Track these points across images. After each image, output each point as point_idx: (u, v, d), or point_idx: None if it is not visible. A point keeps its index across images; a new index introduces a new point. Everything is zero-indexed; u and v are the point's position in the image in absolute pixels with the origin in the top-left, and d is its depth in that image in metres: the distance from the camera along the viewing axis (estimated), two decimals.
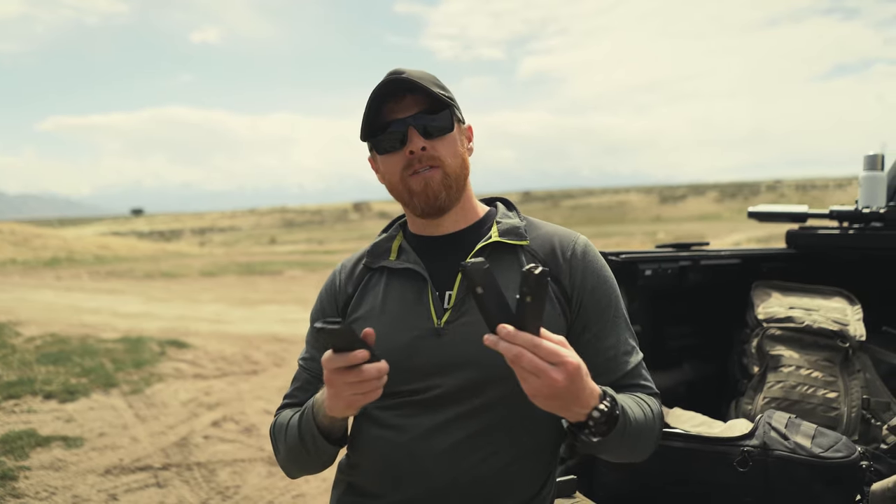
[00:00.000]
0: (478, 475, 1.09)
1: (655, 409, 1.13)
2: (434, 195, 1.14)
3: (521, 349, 0.85)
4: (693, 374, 2.04)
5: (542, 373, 0.86)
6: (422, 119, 1.14)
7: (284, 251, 28.07)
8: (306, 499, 3.26)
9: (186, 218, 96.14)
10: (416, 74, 1.15)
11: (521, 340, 0.85)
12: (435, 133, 1.14)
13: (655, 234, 29.72)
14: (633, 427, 1.03)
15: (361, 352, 0.92)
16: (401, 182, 1.16)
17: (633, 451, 1.08)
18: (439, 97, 1.14)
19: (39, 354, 6.12)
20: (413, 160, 1.13)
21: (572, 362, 0.87)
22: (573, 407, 0.92)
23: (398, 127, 1.14)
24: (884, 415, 1.74)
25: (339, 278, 1.26)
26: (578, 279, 1.16)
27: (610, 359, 1.14)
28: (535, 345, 0.86)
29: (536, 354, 0.85)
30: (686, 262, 1.92)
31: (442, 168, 1.14)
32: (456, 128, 1.18)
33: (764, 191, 77.03)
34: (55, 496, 3.22)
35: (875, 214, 1.98)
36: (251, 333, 7.42)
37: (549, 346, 0.86)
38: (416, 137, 1.13)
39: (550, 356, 0.86)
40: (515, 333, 0.85)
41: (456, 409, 1.10)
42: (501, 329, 0.86)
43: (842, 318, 1.83)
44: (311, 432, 1.10)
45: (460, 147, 1.18)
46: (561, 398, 0.89)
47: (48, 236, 25.19)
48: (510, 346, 0.85)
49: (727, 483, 1.43)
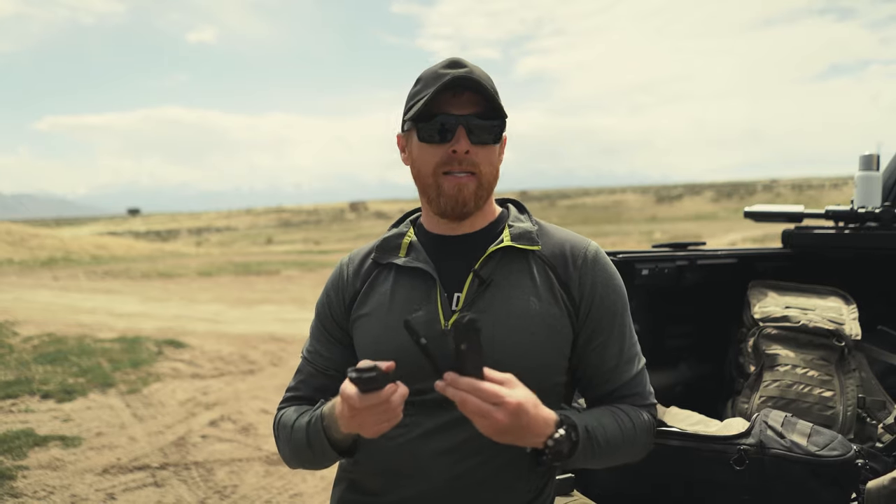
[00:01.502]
0: (479, 476, 1.10)
1: (639, 421, 1.14)
2: (464, 202, 1.13)
3: (464, 394, 0.91)
4: (690, 373, 2.05)
5: (487, 414, 0.92)
6: (475, 122, 1.11)
7: (281, 251, 28.03)
8: (304, 498, 3.26)
9: (183, 218, 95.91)
10: (479, 74, 1.12)
11: (463, 385, 0.91)
12: (482, 140, 1.12)
13: (652, 233, 29.76)
14: (602, 447, 1.07)
15: (390, 387, 0.95)
16: (433, 176, 1.13)
17: (610, 461, 1.12)
18: (497, 107, 1.11)
19: (37, 354, 6.11)
20: (453, 160, 1.11)
21: (511, 402, 0.92)
22: (527, 438, 0.98)
23: (449, 121, 1.10)
24: (879, 413, 1.75)
25: (346, 272, 1.24)
26: (588, 287, 1.15)
27: (612, 368, 1.16)
28: (475, 388, 0.92)
29: (479, 397, 0.91)
30: (683, 261, 1.93)
31: (478, 177, 1.12)
32: (501, 139, 1.17)
33: (760, 191, 77.17)
34: (53, 495, 3.22)
35: (871, 214, 1.99)
36: (248, 333, 7.41)
37: (488, 388, 0.92)
38: (463, 138, 1.10)
39: (491, 398, 0.92)
40: (456, 378, 0.91)
41: (457, 411, 1.11)
42: (447, 376, 0.92)
43: (837, 317, 1.84)
44: (320, 443, 1.10)
45: (498, 158, 1.17)
46: (510, 433, 0.95)
47: (45, 236, 25.10)
48: (455, 392, 0.92)
49: (724, 481, 1.44)
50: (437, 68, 1.13)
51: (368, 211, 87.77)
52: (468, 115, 1.10)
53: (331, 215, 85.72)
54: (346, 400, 0.96)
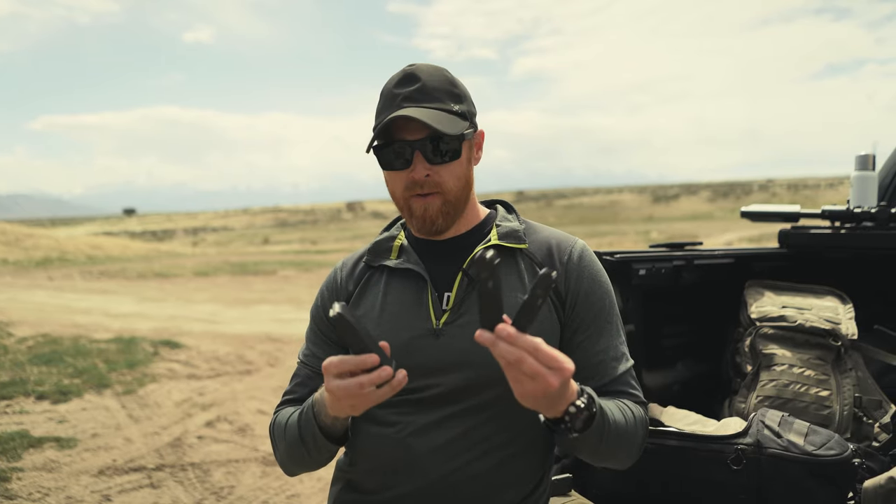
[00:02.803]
0: (473, 472, 1.10)
1: (639, 415, 1.12)
2: (431, 221, 1.13)
3: (522, 353, 0.84)
4: (687, 373, 2.06)
5: (540, 376, 0.85)
6: (429, 145, 1.10)
7: (278, 251, 28.01)
8: (301, 499, 3.25)
9: (179, 218, 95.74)
10: (432, 86, 1.11)
11: (524, 344, 0.84)
12: (441, 160, 1.11)
13: (649, 233, 29.82)
14: (612, 428, 1.03)
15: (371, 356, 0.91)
16: (402, 200, 1.15)
17: (613, 453, 1.08)
18: (449, 133, 1.08)
19: (31, 355, 6.08)
20: (415, 184, 1.11)
21: (569, 368, 0.88)
22: (557, 404, 0.93)
23: (404, 148, 1.11)
24: (875, 413, 1.75)
25: (339, 275, 1.26)
26: (573, 283, 1.16)
27: (598, 363, 1.15)
28: (536, 349, 0.85)
29: (536, 358, 0.85)
30: (680, 261, 1.93)
31: (443, 195, 1.12)
32: (464, 150, 1.14)
33: (756, 190, 77.37)
34: (48, 497, 3.21)
35: (866, 214, 2.00)
36: (245, 333, 7.40)
37: (547, 350, 0.86)
38: (420, 164, 1.10)
39: (550, 361, 0.86)
40: (518, 336, 0.84)
41: (452, 408, 1.11)
42: (502, 330, 0.83)
43: (834, 316, 1.84)
44: (311, 432, 1.10)
45: (466, 168, 1.16)
46: (548, 399, 0.90)
47: (40, 236, 25.03)
48: (511, 349, 0.84)
49: (721, 481, 1.44)
50: (392, 86, 1.12)
51: (365, 211, 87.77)
52: (422, 140, 1.09)
53: (328, 215, 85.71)
54: (324, 368, 0.94)
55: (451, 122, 1.10)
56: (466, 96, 1.17)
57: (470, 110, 1.16)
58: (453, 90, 1.14)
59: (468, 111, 1.16)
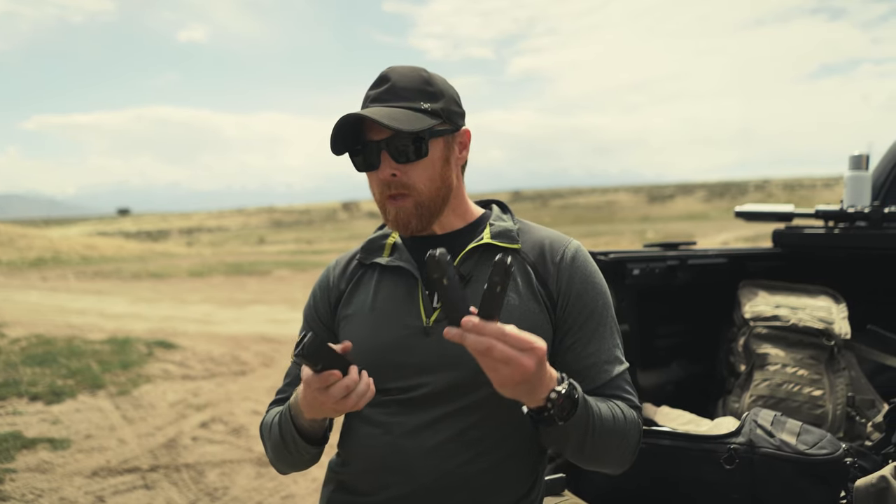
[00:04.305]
0: (465, 474, 1.10)
1: (630, 417, 1.10)
2: (405, 224, 1.13)
3: (491, 340, 0.84)
4: (681, 373, 2.06)
5: (513, 360, 0.85)
6: (394, 143, 1.09)
7: (273, 251, 27.96)
8: (295, 499, 3.25)
9: (174, 218, 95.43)
10: (402, 85, 1.11)
11: (490, 331, 0.84)
12: (406, 159, 1.10)
13: (644, 233, 29.88)
14: (598, 423, 1.01)
15: (335, 373, 0.94)
16: (380, 202, 1.15)
17: (602, 453, 1.06)
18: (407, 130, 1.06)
19: (25, 356, 6.05)
20: (385, 184, 1.11)
21: (541, 346, 0.88)
22: (538, 390, 0.92)
23: (371, 148, 1.11)
24: (868, 412, 1.76)
25: (332, 274, 1.26)
26: (564, 283, 1.15)
27: (590, 366, 1.12)
28: (503, 334, 0.85)
29: (506, 343, 0.85)
30: (674, 261, 1.94)
31: (413, 196, 1.11)
32: (435, 148, 1.12)
33: (752, 190, 77.55)
34: (42, 498, 3.19)
35: (860, 214, 2.00)
36: (239, 334, 7.38)
37: (516, 333, 0.86)
38: (386, 163, 1.10)
39: (519, 343, 0.86)
40: (483, 325, 0.84)
41: (444, 408, 1.10)
42: (467, 322, 0.84)
43: (827, 316, 1.85)
44: (290, 433, 1.10)
45: (440, 168, 1.14)
46: (529, 383, 0.89)
47: (33, 236, 24.92)
48: (479, 339, 0.84)
49: (714, 480, 1.44)
50: (369, 89, 1.13)
51: (361, 211, 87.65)
52: (387, 139, 1.09)
53: (323, 215, 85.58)
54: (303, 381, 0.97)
55: (412, 120, 1.08)
56: (444, 95, 1.14)
57: (448, 108, 1.14)
58: (427, 88, 1.12)
59: (444, 109, 1.13)
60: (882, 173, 2.30)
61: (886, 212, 1.95)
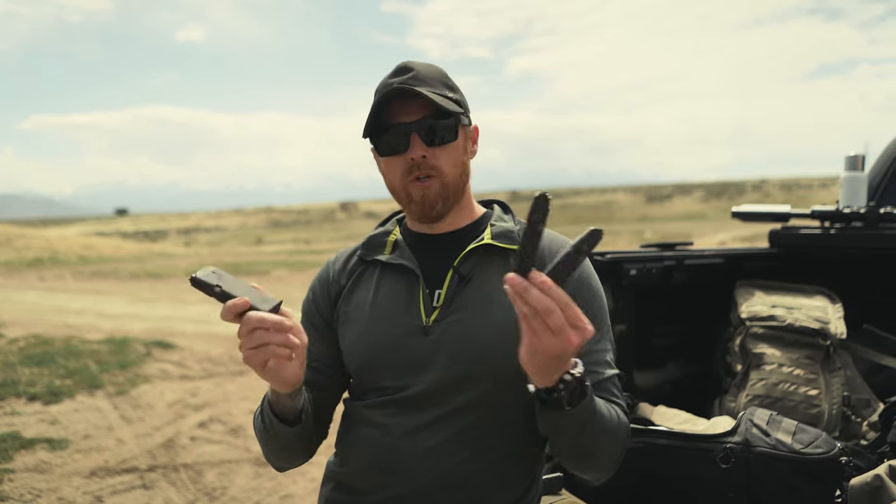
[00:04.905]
0: (463, 474, 1.10)
1: (622, 420, 1.10)
2: (431, 205, 1.14)
3: (553, 304, 0.81)
4: (677, 373, 2.07)
5: (563, 332, 0.82)
6: (426, 125, 1.12)
7: (271, 251, 27.92)
8: (294, 499, 3.25)
9: (171, 218, 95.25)
10: (426, 74, 1.14)
11: (556, 295, 0.81)
12: (437, 142, 1.13)
13: (642, 233, 29.88)
14: (597, 417, 1.01)
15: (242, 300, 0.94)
16: (401, 186, 1.15)
17: (594, 449, 1.05)
18: (445, 107, 1.11)
19: (23, 356, 6.05)
20: (413, 166, 1.12)
21: (591, 329, 0.85)
22: (559, 369, 0.90)
23: (401, 131, 1.12)
24: (864, 411, 1.77)
25: (332, 269, 1.26)
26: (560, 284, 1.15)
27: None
28: (566, 304, 0.82)
29: (564, 313, 0.82)
30: (670, 261, 1.95)
31: (440, 178, 1.13)
32: (461, 135, 1.16)
33: (749, 190, 77.59)
34: (40, 499, 3.19)
35: (856, 214, 2.01)
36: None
37: (576, 308, 0.83)
38: (417, 145, 1.12)
39: (576, 319, 0.83)
40: (553, 286, 0.81)
41: (441, 408, 1.11)
42: (537, 277, 0.80)
43: (823, 316, 1.86)
44: (268, 414, 1.10)
45: (462, 155, 1.17)
46: (561, 359, 0.87)
47: (31, 236, 24.86)
48: (543, 297, 0.80)
49: (710, 479, 1.45)
50: (387, 78, 1.15)
51: (359, 211, 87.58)
52: (419, 121, 1.11)
53: (321, 215, 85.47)
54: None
55: (447, 102, 1.12)
56: (460, 90, 1.20)
57: (464, 102, 1.19)
58: (447, 81, 1.17)
59: (462, 101, 1.18)
60: (878, 174, 2.31)
61: (882, 212, 1.96)
